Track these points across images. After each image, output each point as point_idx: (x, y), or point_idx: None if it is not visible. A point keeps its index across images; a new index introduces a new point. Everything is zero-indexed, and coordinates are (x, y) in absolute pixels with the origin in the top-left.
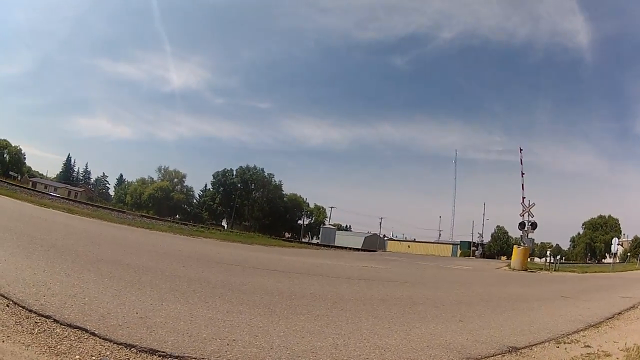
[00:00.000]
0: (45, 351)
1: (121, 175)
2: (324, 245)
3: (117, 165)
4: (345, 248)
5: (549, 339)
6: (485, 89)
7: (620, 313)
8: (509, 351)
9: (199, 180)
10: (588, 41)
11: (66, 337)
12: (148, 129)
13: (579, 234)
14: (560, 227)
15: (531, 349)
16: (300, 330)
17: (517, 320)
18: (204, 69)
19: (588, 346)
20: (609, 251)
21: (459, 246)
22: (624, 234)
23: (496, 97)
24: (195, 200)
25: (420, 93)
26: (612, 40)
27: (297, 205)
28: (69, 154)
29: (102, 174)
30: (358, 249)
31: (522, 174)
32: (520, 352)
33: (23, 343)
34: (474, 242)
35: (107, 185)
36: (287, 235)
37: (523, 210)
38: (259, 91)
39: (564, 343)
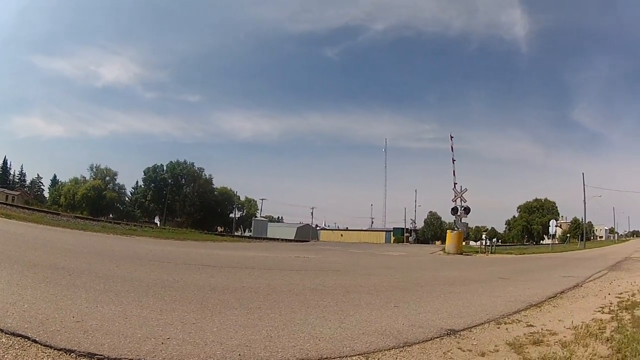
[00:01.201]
0: None
1: (55, 176)
2: (256, 238)
3: (51, 166)
4: (278, 239)
5: (489, 320)
6: (418, 79)
7: (563, 292)
8: (448, 334)
9: (132, 178)
10: (525, 33)
11: (11, 346)
12: (81, 126)
13: (514, 217)
14: (496, 211)
15: (470, 331)
16: (234, 325)
17: (454, 303)
18: (135, 64)
19: (531, 325)
20: (547, 233)
21: (392, 233)
22: (562, 216)
23: (429, 87)
24: (127, 198)
25: (351, 84)
26: (549, 31)
27: (228, 198)
28: (5, 157)
29: (37, 176)
30: (291, 240)
31: (453, 160)
32: (460, 335)
33: None
34: (407, 228)
35: (42, 187)
36: (219, 229)
37: (455, 196)
38: (190, 84)
39: (505, 324)
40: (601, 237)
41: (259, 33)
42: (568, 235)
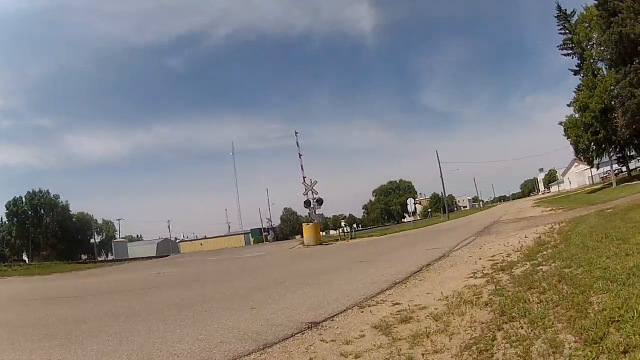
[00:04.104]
0: None
1: None
2: (117, 260)
3: None
4: (139, 258)
5: (351, 306)
6: (262, 81)
7: (428, 265)
8: (309, 327)
9: None
10: (371, 27)
11: None
12: None
13: (371, 201)
14: (352, 198)
15: (333, 320)
16: (95, 353)
17: (313, 295)
18: None
19: (397, 304)
20: (407, 211)
21: (250, 234)
22: (420, 194)
23: (273, 87)
24: None
25: (195, 92)
26: (396, 23)
27: (86, 223)
28: None
29: None
30: (153, 257)
31: (300, 155)
32: (322, 326)
33: None
34: (265, 228)
35: None
36: (84, 257)
37: (306, 189)
38: (42, 109)
39: (369, 306)
40: (465, 206)
41: (106, 48)
42: (429, 210)
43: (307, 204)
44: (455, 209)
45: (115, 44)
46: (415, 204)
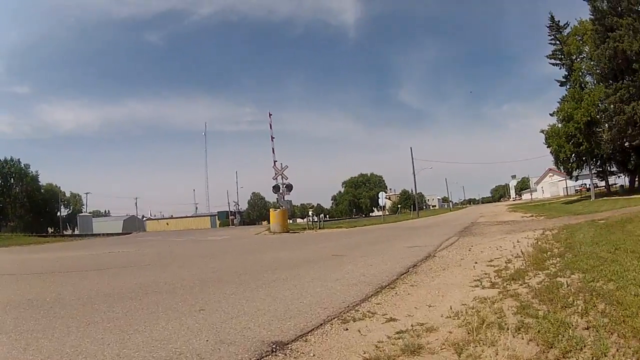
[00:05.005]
0: None
1: None
2: (80, 236)
3: None
4: (103, 235)
5: (330, 318)
6: (238, 64)
7: (415, 265)
8: (273, 350)
9: None
10: (353, 19)
11: None
12: None
13: (340, 192)
14: (320, 188)
15: (307, 341)
16: None
17: (279, 295)
18: None
19: (393, 319)
20: (377, 205)
21: (217, 217)
22: (390, 189)
23: (249, 71)
24: None
25: (170, 68)
26: (379, 18)
27: (54, 195)
28: None
29: None
30: (114, 234)
31: (272, 138)
32: (291, 349)
33: None
34: (232, 211)
35: None
36: (50, 230)
37: (276, 173)
38: (20, 75)
39: (354, 320)
40: (434, 206)
41: (86, 18)
42: (399, 206)
43: (276, 189)
44: (425, 207)
45: (95, 13)
46: (386, 198)
